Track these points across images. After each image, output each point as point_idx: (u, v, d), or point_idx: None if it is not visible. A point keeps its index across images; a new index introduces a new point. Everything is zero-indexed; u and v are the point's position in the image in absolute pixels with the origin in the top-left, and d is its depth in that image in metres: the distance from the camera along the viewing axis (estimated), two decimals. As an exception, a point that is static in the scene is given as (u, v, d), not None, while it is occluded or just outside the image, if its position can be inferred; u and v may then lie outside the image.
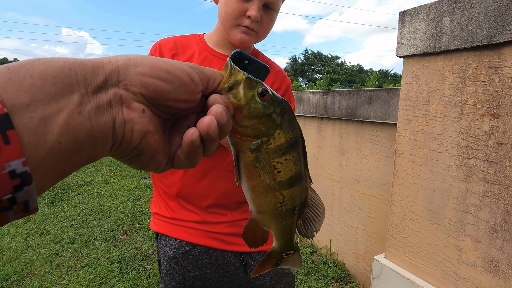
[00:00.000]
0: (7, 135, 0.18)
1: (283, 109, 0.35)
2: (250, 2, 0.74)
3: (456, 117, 1.11)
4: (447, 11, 1.10)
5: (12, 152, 0.18)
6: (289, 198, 0.38)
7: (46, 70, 0.21)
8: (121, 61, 0.25)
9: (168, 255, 0.83)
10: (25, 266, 2.13)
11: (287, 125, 0.35)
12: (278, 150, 0.35)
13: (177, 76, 0.26)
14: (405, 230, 1.33)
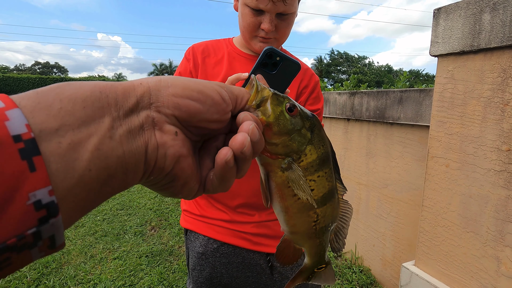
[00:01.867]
0: (33, 161, 0.16)
1: (312, 123, 0.33)
2: (262, 16, 0.75)
3: (497, 119, 1.04)
4: (487, 7, 1.04)
5: (38, 180, 0.16)
6: (323, 216, 0.36)
7: (76, 93, 0.20)
8: (152, 82, 0.24)
9: (196, 251, 0.85)
10: (63, 255, 2.28)
11: (318, 140, 0.34)
12: (310, 167, 0.33)
13: (209, 96, 0.26)
14: (437, 237, 1.27)
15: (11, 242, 0.16)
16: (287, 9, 0.74)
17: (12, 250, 0.16)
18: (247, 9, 0.76)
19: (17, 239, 0.16)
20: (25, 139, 0.16)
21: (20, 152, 0.16)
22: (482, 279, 1.11)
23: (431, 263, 1.29)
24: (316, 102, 0.90)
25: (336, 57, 40.03)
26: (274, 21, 0.76)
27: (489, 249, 1.08)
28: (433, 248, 1.28)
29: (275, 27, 0.77)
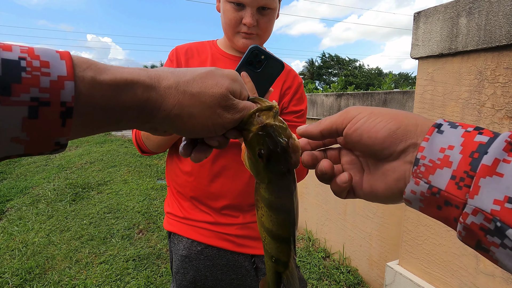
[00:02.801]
0: (65, 121, 0.24)
1: (275, 178, 0.36)
2: (244, 10, 0.77)
3: (474, 120, 1.07)
4: (464, 11, 1.07)
5: (64, 132, 0.25)
6: (268, 242, 0.40)
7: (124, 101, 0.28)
8: (174, 114, 0.31)
9: (180, 254, 0.84)
10: (47, 260, 2.23)
11: (272, 190, 0.37)
12: (263, 199, 0.38)
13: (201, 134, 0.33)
14: (420, 236, 1.29)
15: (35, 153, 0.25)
16: (267, 3, 0.76)
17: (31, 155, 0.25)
18: (229, 5, 0.77)
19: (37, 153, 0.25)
20: (68, 106, 0.23)
21: (61, 113, 0.23)
22: (462, 276, 1.13)
23: (414, 262, 1.31)
24: (299, 103, 0.91)
25: (327, 60, 40.48)
26: (256, 16, 0.77)
27: (469, 248, 1.11)
28: (416, 247, 1.30)
29: (256, 22, 0.78)
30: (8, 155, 0.24)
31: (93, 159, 5.02)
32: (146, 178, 4.30)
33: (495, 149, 0.24)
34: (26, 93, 0.22)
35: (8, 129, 0.22)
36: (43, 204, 3.33)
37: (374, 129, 0.30)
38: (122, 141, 6.43)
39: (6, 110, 0.21)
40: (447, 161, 0.26)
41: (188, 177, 0.83)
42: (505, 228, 0.22)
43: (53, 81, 0.22)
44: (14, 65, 0.22)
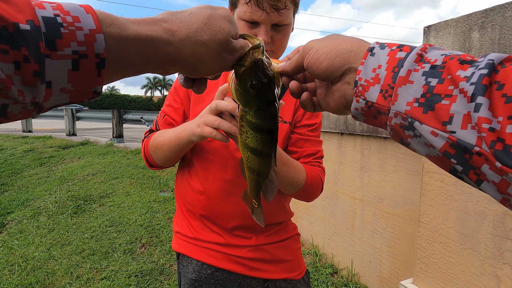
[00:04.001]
0: (101, 71, 0.27)
1: (263, 106, 0.43)
2: (257, 28, 0.75)
3: (490, 135, 1.05)
4: (476, 25, 1.06)
5: (100, 81, 0.28)
6: (251, 160, 0.50)
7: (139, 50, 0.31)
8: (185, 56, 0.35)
9: (189, 278, 0.81)
10: (47, 276, 2.18)
11: (260, 115, 0.44)
12: (249, 122, 0.45)
13: (209, 74, 0.39)
14: (435, 254, 1.24)
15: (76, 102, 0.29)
16: (282, 19, 0.74)
17: (73, 103, 0.29)
18: (242, 23, 0.75)
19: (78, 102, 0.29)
20: (101, 57, 0.26)
21: (96, 64, 0.26)
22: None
23: (430, 281, 1.26)
24: (313, 117, 0.88)
25: (327, 71, 40.81)
26: (270, 33, 0.75)
27: (488, 267, 1.06)
28: (431, 266, 1.26)
29: (271, 38, 0.76)
30: (57, 104, 0.27)
31: (95, 171, 5.00)
32: (149, 191, 4.26)
33: (408, 62, 0.30)
34: (67, 47, 0.24)
35: (57, 81, 0.25)
36: (44, 217, 3.29)
37: (318, 60, 0.37)
38: (125, 153, 6.42)
39: (55, 64, 0.24)
40: (377, 78, 0.32)
41: (199, 195, 0.80)
42: (413, 122, 0.29)
43: (86, 34, 0.25)
44: (53, 22, 0.24)
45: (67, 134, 9.25)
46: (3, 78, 0.22)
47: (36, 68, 0.23)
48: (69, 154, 6.29)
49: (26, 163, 5.67)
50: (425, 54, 0.30)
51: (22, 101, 0.24)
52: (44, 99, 0.25)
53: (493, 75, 0.25)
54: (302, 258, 0.90)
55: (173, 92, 0.86)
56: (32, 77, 0.23)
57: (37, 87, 0.24)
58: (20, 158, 5.97)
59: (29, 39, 0.22)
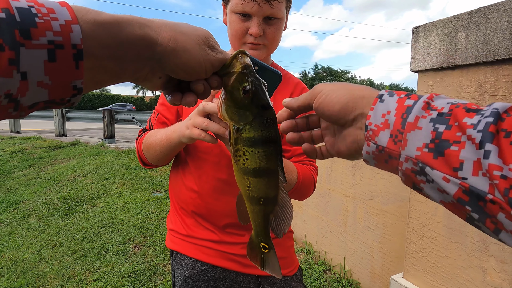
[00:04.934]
0: (78, 64, 0.26)
1: (260, 112, 0.41)
2: (250, 20, 0.75)
3: (475, 132, 1.08)
4: (462, 26, 1.10)
5: (78, 74, 0.27)
6: (254, 186, 0.43)
7: (121, 37, 0.30)
8: (169, 48, 0.34)
9: (182, 274, 0.81)
10: (38, 278, 2.14)
11: (258, 124, 0.41)
12: (247, 140, 0.41)
13: (198, 73, 0.38)
14: (424, 248, 1.28)
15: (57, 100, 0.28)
16: (274, 12, 0.74)
17: (55, 103, 0.28)
18: (234, 16, 0.75)
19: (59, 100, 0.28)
20: (78, 48, 0.26)
21: (73, 55, 0.26)
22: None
23: (419, 275, 1.30)
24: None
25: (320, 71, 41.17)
26: (262, 25, 0.75)
27: (475, 259, 1.10)
28: (421, 260, 1.29)
29: (263, 31, 0.76)
30: (36, 101, 0.26)
31: (86, 172, 4.93)
32: (141, 191, 4.22)
33: (416, 109, 0.32)
34: (43, 36, 0.24)
35: (34, 73, 0.24)
36: (34, 219, 3.23)
37: (331, 103, 0.38)
38: (116, 153, 6.35)
39: (30, 54, 0.23)
40: (386, 123, 0.33)
41: (193, 193, 0.81)
42: (424, 167, 0.30)
43: (62, 25, 0.25)
44: (27, 12, 0.24)
45: (56, 135, 9.08)
46: None
47: (12, 56, 0.23)
48: (59, 155, 6.18)
49: (15, 164, 5.54)
50: (432, 102, 0.32)
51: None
52: (19, 91, 0.24)
53: (499, 123, 0.26)
54: (295, 255, 0.91)
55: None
56: (7, 65, 0.22)
57: (13, 76, 0.23)
58: (8, 159, 5.83)
59: (3, 26, 0.22)
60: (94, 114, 8.73)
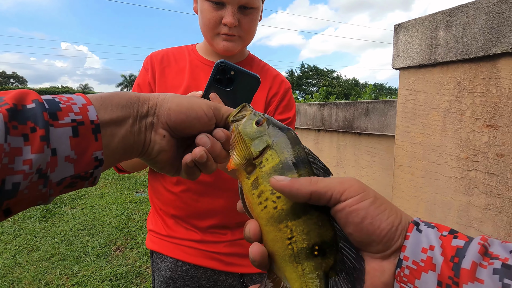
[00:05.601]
0: (97, 136, 0.31)
1: (277, 132, 0.35)
2: (223, 9, 0.70)
3: (455, 129, 1.10)
4: (442, 24, 1.11)
5: (98, 146, 0.31)
6: (299, 232, 0.30)
7: (119, 101, 0.34)
8: (160, 99, 0.37)
9: (163, 275, 0.78)
10: (12, 284, 2.04)
11: (282, 145, 0.34)
12: (273, 171, 0.32)
13: (193, 111, 0.37)
14: (406, 244, 1.29)
15: (82, 173, 0.30)
16: (249, 1, 0.70)
17: (81, 178, 0.31)
18: (206, 3, 0.70)
19: (84, 173, 0.30)
20: (96, 123, 0.31)
21: (92, 130, 0.30)
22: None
23: (402, 270, 1.31)
24: (286, 110, 0.85)
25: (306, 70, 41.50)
26: (237, 15, 0.70)
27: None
28: (403, 256, 1.31)
29: (238, 21, 0.71)
30: (64, 177, 0.29)
31: (66, 172, 4.76)
32: (124, 191, 4.11)
33: (471, 253, 0.25)
34: (67, 117, 0.29)
35: (61, 149, 0.28)
36: (9, 222, 3.08)
37: (379, 217, 0.27)
38: (98, 153, 6.16)
39: (58, 132, 0.28)
40: (430, 263, 0.26)
41: (172, 195, 0.78)
42: None
43: (80, 107, 0.30)
44: (53, 101, 0.29)
45: (35, 134, 8.72)
46: (7, 151, 0.25)
47: (43, 133, 0.26)
48: (37, 155, 5.94)
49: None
50: (489, 247, 0.25)
51: (29, 170, 0.26)
52: (49, 166, 0.27)
53: None
54: None
55: (137, 90, 0.81)
56: (39, 142, 0.26)
57: (44, 151, 0.26)
58: (-19, 160, 5.56)
59: (35, 112, 0.27)
60: (75, 112, 8.44)
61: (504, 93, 0.96)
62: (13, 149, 0.25)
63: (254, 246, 0.31)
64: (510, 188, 0.96)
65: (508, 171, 0.96)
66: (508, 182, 0.97)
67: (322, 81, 40.04)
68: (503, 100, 0.97)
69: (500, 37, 0.95)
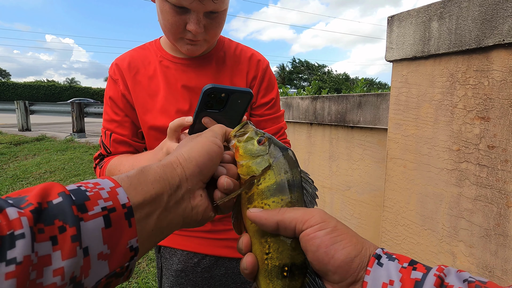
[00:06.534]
0: (131, 221, 0.28)
1: (277, 152, 0.38)
2: (188, 14, 0.64)
3: (447, 121, 1.10)
4: (435, 16, 1.10)
5: (132, 233, 0.28)
6: (275, 249, 0.33)
7: (147, 177, 0.31)
8: (182, 160, 0.35)
9: (174, 269, 0.78)
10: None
11: (280, 166, 0.37)
12: (267, 191, 0.36)
13: (212, 151, 0.37)
14: (398, 236, 1.30)
15: (118, 269, 0.27)
16: (216, 7, 0.63)
17: (116, 276, 0.27)
18: (167, 5, 0.62)
19: (119, 269, 0.27)
20: (127, 206, 0.28)
21: (125, 215, 0.28)
22: (440, 274, 1.16)
23: (393, 262, 1.33)
24: (268, 92, 0.82)
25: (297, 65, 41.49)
26: (203, 21, 0.65)
27: (445, 245, 1.13)
28: (395, 247, 1.32)
29: (204, 27, 0.66)
30: (98, 279, 0.25)
31: (53, 168, 4.64)
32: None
33: (429, 286, 0.26)
34: (96, 205, 0.26)
35: (93, 245, 0.25)
36: (-6, 220, 2.99)
37: (333, 246, 0.29)
38: (87, 148, 6.03)
39: (89, 226, 0.25)
40: None
41: None
42: None
43: (109, 191, 0.28)
44: (78, 190, 0.26)
45: (19, 129, 8.48)
46: (35, 263, 0.21)
47: (73, 232, 0.23)
48: (22, 150, 5.78)
49: (-29, 161, 5.11)
50: (445, 278, 0.27)
51: (61, 282, 0.22)
52: (82, 272, 0.24)
53: None
54: None
55: (111, 104, 0.75)
56: (70, 243, 0.23)
57: (76, 254, 0.23)
58: (-37, 156, 5.37)
59: (62, 208, 0.24)
60: (61, 107, 8.21)
61: (496, 85, 0.97)
62: (41, 259, 0.21)
63: (248, 257, 0.35)
64: (501, 179, 0.97)
65: (499, 163, 0.98)
66: (498, 173, 0.98)
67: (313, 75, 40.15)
68: (494, 92, 0.97)
69: (493, 28, 0.95)
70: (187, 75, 0.75)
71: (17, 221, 0.21)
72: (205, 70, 0.76)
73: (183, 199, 0.34)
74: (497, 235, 0.99)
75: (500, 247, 0.99)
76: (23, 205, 0.23)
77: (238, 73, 0.79)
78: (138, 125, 0.77)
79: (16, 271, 0.19)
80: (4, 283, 0.19)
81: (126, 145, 0.76)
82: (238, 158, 0.39)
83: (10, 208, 0.22)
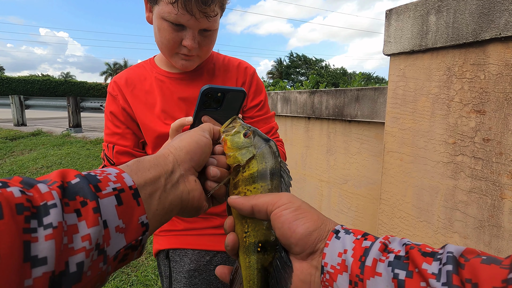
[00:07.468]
0: (138, 201, 0.31)
1: (262, 144, 0.43)
2: (184, 31, 0.70)
3: (443, 114, 1.11)
4: (433, 9, 1.11)
5: (141, 210, 0.31)
6: (252, 228, 0.38)
7: (145, 164, 0.36)
8: (173, 149, 0.40)
9: (186, 270, 0.78)
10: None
11: (262, 156, 0.41)
12: (250, 178, 0.40)
13: (202, 141, 0.41)
14: (395, 228, 1.32)
15: (133, 242, 0.31)
16: (210, 25, 0.70)
17: (132, 248, 0.31)
18: (165, 23, 0.68)
19: (134, 241, 0.31)
20: (134, 188, 0.32)
21: (133, 195, 0.31)
22: (434, 265, 1.18)
23: (390, 253, 1.35)
24: (257, 95, 0.88)
25: (295, 59, 41.33)
26: (197, 38, 0.71)
27: (440, 237, 1.16)
28: (391, 239, 1.34)
29: (198, 44, 0.72)
30: (118, 249, 0.29)
31: (50, 163, 4.62)
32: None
33: (373, 251, 0.30)
34: (108, 186, 0.29)
35: (111, 219, 0.28)
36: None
37: (295, 223, 0.33)
38: (83, 143, 6.00)
39: (105, 202, 0.28)
40: (343, 265, 0.30)
41: None
42: None
43: (115, 175, 0.31)
44: (89, 175, 0.30)
45: (15, 124, 8.40)
46: (65, 230, 0.25)
47: (94, 205, 0.27)
48: (18, 146, 5.74)
49: (-34, 157, 5.08)
50: (389, 244, 0.30)
51: (89, 246, 0.25)
52: (104, 240, 0.27)
53: (460, 271, 0.25)
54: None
55: (111, 118, 0.80)
56: (93, 214, 0.26)
57: (99, 223, 0.27)
58: (-42, 151, 5.33)
59: (81, 186, 0.28)
60: (57, 101, 8.13)
61: (492, 78, 0.98)
62: (69, 227, 0.25)
63: (230, 235, 0.40)
64: (495, 171, 0.99)
65: (493, 155, 0.99)
66: (493, 166, 1.00)
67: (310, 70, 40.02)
68: (490, 85, 0.98)
69: (489, 22, 0.96)
70: (182, 88, 0.80)
71: (48, 194, 0.25)
72: (197, 81, 0.82)
73: (178, 183, 0.37)
74: (491, 226, 1.01)
75: (493, 237, 1.01)
76: (48, 184, 0.27)
77: (228, 80, 0.85)
78: (139, 136, 0.81)
79: (53, 234, 0.23)
80: (44, 243, 0.23)
81: (128, 156, 0.79)
82: (226, 150, 0.43)
83: (40, 184, 0.26)
